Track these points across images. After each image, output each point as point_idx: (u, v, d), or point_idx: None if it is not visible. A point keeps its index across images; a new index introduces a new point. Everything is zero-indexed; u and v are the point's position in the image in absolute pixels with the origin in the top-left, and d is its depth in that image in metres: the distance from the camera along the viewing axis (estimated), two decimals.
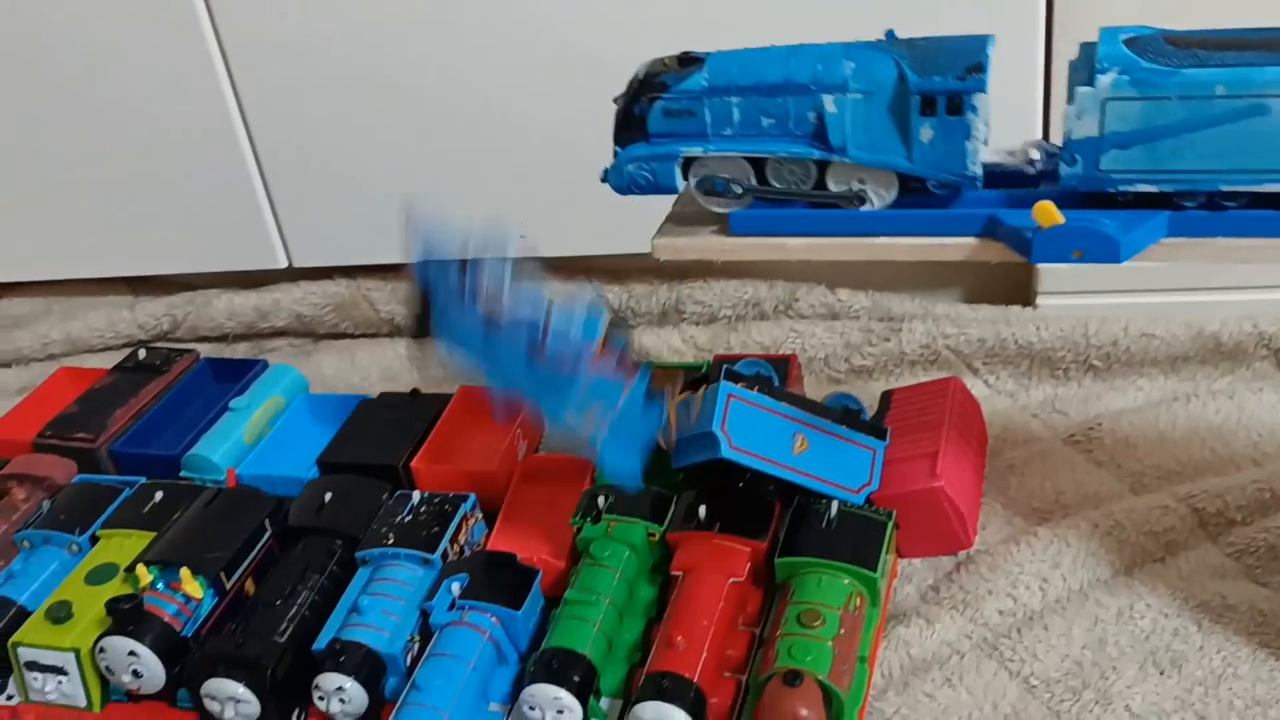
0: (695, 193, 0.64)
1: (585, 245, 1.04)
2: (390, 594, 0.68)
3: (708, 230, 0.65)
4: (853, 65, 0.59)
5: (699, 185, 0.63)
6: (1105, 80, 0.55)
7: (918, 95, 0.58)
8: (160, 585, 0.69)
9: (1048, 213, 0.56)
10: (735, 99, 0.61)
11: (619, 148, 0.65)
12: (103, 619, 0.68)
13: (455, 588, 0.67)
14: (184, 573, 0.69)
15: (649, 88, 0.63)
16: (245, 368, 0.90)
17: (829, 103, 0.60)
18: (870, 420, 0.75)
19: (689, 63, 0.63)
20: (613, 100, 0.64)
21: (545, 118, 0.98)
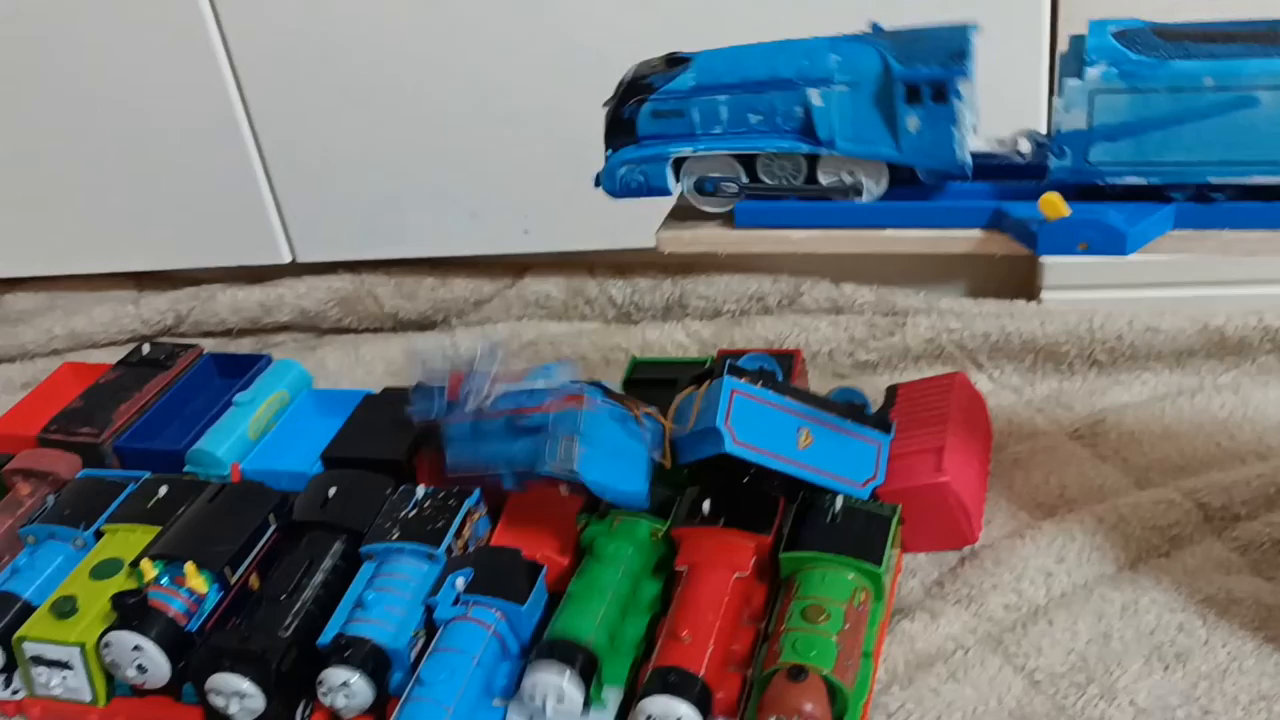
0: (689, 194, 0.64)
1: (589, 240, 1.04)
2: (395, 588, 0.68)
3: (712, 223, 0.65)
4: (837, 58, 0.59)
5: (692, 186, 0.63)
6: (1094, 73, 0.55)
7: (903, 85, 0.58)
8: (165, 580, 0.69)
9: (1054, 205, 0.56)
10: (723, 97, 0.61)
11: (610, 151, 0.65)
12: (108, 614, 0.68)
13: (459, 583, 0.67)
14: (189, 567, 0.69)
15: (637, 90, 0.63)
16: (249, 363, 0.90)
17: (815, 96, 0.59)
18: (875, 414, 0.75)
19: (676, 63, 0.63)
20: (602, 105, 0.64)
21: (549, 113, 0.98)
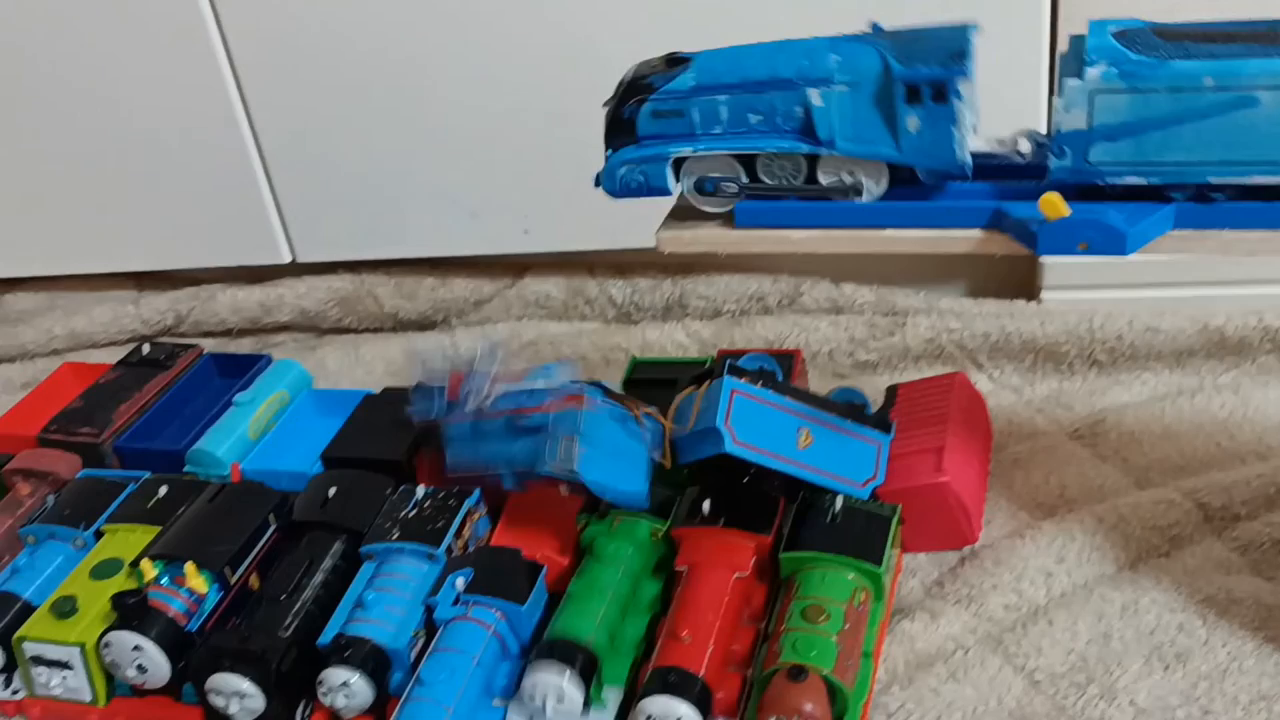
0: (689, 194, 0.64)
1: (589, 240, 1.04)
2: (395, 588, 0.68)
3: (712, 223, 0.65)
4: (837, 58, 0.59)
5: (693, 186, 0.63)
6: (1094, 73, 0.55)
7: (903, 85, 0.58)
8: (165, 580, 0.69)
9: (1054, 205, 0.56)
10: (723, 97, 0.61)
11: (610, 151, 0.64)
12: (108, 614, 0.68)
13: (459, 583, 0.67)
14: (189, 567, 0.69)
15: (637, 90, 0.63)
16: (249, 363, 0.90)
17: (815, 96, 0.59)
18: (875, 414, 0.75)
19: (676, 63, 0.62)
20: (602, 105, 0.64)
21: (549, 112, 0.98)
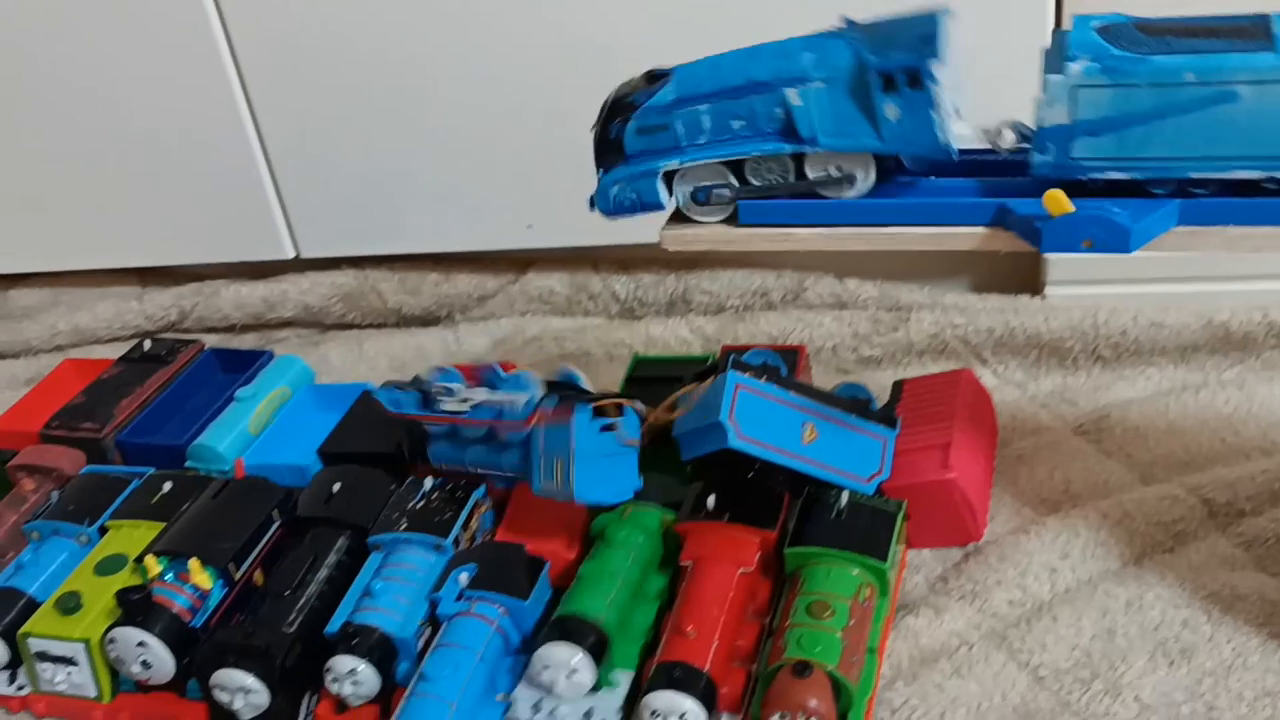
0: (684, 208, 0.64)
1: (593, 235, 1.04)
2: (402, 578, 0.68)
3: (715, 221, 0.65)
4: (811, 56, 0.59)
5: (688, 198, 0.64)
6: (1075, 68, 0.55)
7: (877, 74, 0.58)
8: (169, 576, 0.69)
9: (1058, 201, 0.56)
10: (704, 107, 0.61)
11: (600, 171, 0.65)
12: (112, 610, 0.68)
13: (463, 578, 0.67)
14: (193, 563, 0.69)
15: (620, 109, 0.63)
16: (251, 358, 0.90)
17: (794, 96, 0.60)
18: (880, 409, 0.75)
19: (656, 79, 0.63)
20: (590, 129, 0.64)
21: (552, 108, 0.98)
